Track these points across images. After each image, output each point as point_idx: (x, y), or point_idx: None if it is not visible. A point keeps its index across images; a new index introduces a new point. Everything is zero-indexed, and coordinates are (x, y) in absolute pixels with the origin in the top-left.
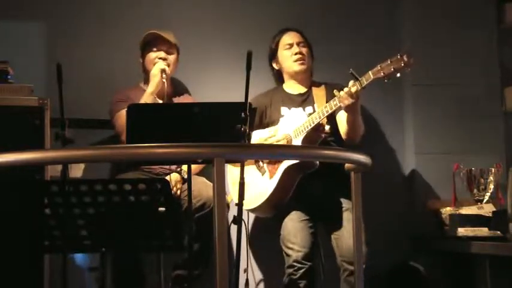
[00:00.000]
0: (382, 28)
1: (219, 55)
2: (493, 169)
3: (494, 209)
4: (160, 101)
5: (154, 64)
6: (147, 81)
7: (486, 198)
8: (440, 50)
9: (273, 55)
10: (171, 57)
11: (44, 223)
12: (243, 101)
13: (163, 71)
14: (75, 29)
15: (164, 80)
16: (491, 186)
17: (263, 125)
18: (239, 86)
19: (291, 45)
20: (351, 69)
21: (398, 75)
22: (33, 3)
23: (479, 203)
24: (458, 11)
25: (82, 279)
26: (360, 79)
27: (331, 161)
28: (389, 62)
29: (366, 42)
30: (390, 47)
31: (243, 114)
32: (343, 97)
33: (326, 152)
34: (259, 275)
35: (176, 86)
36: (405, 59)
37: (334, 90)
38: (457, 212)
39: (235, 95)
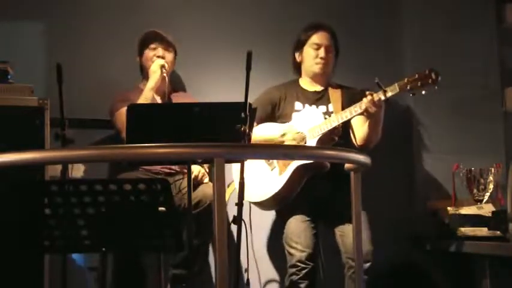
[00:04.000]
0: (382, 28)
1: (219, 55)
2: (492, 169)
3: (494, 209)
4: (159, 98)
5: (152, 61)
6: (145, 79)
7: (486, 198)
8: (441, 50)
9: (299, 47)
10: (169, 56)
11: (44, 223)
12: (243, 101)
13: (162, 66)
14: (75, 29)
15: (165, 75)
16: (491, 186)
17: (275, 118)
18: (239, 86)
19: (319, 47)
20: (376, 79)
21: (423, 92)
22: (33, 3)
23: (479, 203)
24: (458, 11)
25: (82, 279)
26: (385, 90)
27: (331, 161)
28: (416, 76)
29: (366, 42)
30: (390, 47)
31: (243, 114)
32: (366, 106)
33: (326, 152)
34: (259, 275)
35: (173, 82)
36: (433, 76)
37: (364, 99)
38: (457, 212)
39: (236, 95)
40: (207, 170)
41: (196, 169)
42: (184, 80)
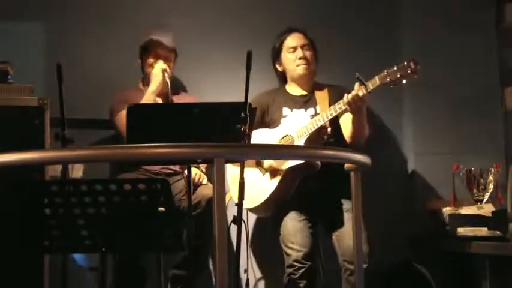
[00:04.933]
0: (382, 27)
1: (219, 55)
2: (492, 169)
3: (494, 209)
4: (160, 101)
5: (153, 67)
6: (146, 82)
7: (486, 198)
8: (440, 49)
9: (276, 56)
10: (170, 63)
11: (44, 223)
12: (243, 101)
13: (165, 70)
14: (75, 29)
15: (168, 80)
16: (491, 186)
17: (264, 124)
18: (239, 86)
19: (295, 49)
20: (357, 74)
21: (404, 81)
22: (33, 3)
23: (479, 203)
24: (458, 11)
25: (82, 279)
26: (366, 84)
27: (331, 161)
28: (396, 68)
29: (366, 43)
30: (390, 46)
31: (243, 114)
32: (349, 101)
33: (326, 152)
34: (259, 275)
35: (174, 84)
36: (412, 65)
37: (345, 95)
38: (457, 212)
39: (235, 95)
40: (204, 171)
41: (192, 172)
42: (185, 80)
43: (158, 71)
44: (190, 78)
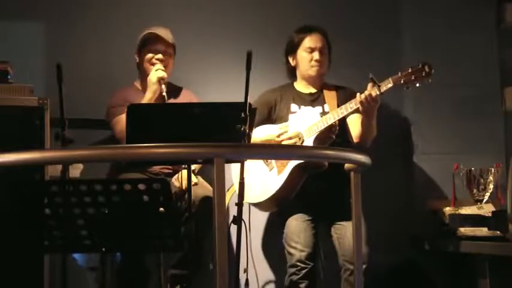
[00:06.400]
0: (382, 27)
1: (219, 55)
2: (492, 169)
3: (494, 209)
4: None
5: (151, 64)
6: (142, 79)
7: (486, 198)
8: (441, 49)
9: (292, 50)
10: (168, 59)
11: (44, 223)
12: (243, 101)
13: (161, 79)
14: (75, 29)
15: (164, 94)
16: (491, 186)
17: (271, 120)
18: (239, 86)
19: (313, 50)
20: (370, 74)
21: (418, 84)
22: (33, 3)
23: (479, 203)
24: (459, 11)
25: (82, 279)
26: (379, 84)
27: (331, 161)
28: (410, 70)
29: (365, 43)
30: (390, 47)
31: (243, 114)
32: (362, 100)
33: (326, 152)
34: (259, 275)
35: (171, 88)
36: (427, 69)
37: (357, 94)
38: (457, 212)
39: (236, 95)
40: (193, 169)
41: (183, 172)
42: (184, 80)
43: (155, 79)
44: (190, 79)
